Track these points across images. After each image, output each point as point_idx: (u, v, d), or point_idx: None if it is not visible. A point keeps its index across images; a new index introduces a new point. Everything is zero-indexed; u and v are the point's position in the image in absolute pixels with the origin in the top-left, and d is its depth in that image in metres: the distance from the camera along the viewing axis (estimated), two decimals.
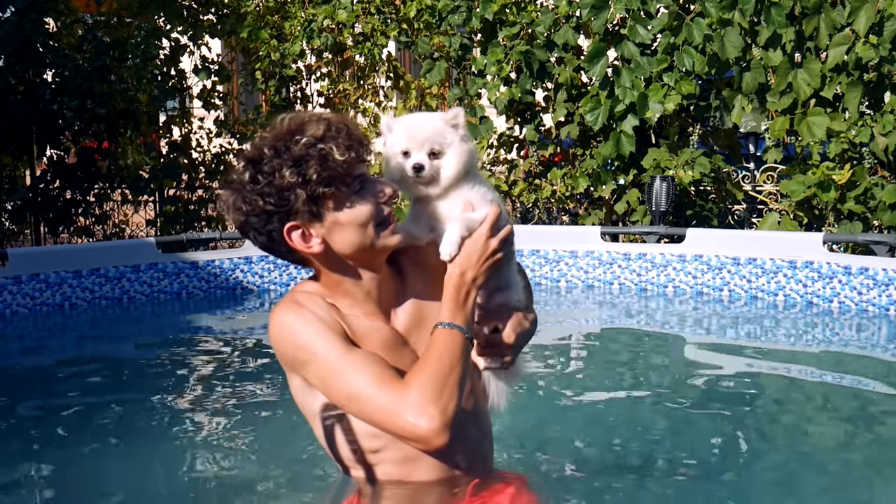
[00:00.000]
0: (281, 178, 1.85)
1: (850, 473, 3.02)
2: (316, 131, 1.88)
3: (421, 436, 1.77)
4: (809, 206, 6.57)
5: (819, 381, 4.27)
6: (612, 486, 2.78)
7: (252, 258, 6.17)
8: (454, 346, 1.85)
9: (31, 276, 5.54)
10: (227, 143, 8.82)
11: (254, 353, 4.83)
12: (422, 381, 1.80)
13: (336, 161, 1.86)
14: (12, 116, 7.71)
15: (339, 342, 1.88)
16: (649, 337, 5.18)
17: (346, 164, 1.87)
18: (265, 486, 2.76)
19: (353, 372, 1.84)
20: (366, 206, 1.91)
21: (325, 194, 1.87)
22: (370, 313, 2.00)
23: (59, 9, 8.10)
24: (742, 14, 6.52)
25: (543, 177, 7.67)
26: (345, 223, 1.91)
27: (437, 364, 1.82)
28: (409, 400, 1.78)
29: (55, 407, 3.83)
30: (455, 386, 1.81)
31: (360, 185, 1.91)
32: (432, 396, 1.78)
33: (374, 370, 1.84)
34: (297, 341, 1.89)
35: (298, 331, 1.89)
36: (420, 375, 1.81)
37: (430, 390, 1.78)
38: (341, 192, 1.89)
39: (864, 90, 6.27)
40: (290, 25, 8.39)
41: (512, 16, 7.44)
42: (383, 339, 1.97)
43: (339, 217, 1.91)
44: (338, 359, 1.86)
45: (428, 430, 1.76)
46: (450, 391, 1.80)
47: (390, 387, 1.81)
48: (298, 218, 1.90)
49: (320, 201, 1.88)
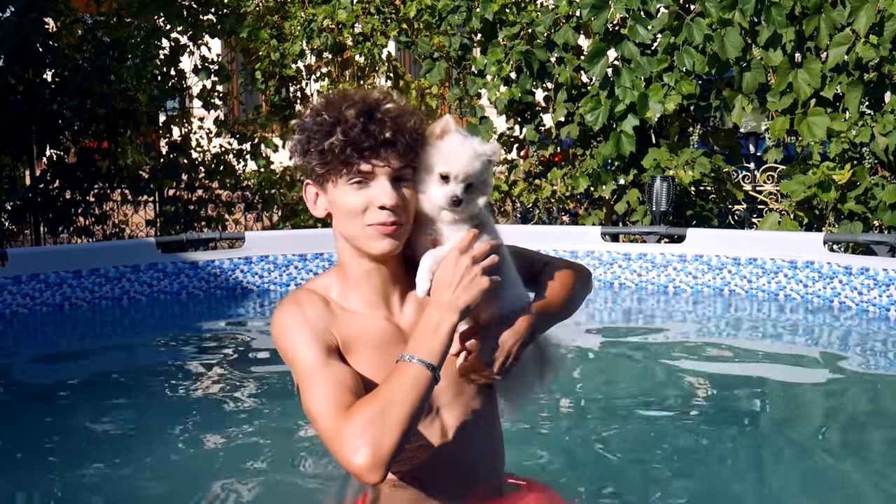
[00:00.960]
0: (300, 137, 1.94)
1: (850, 473, 3.02)
2: (345, 114, 1.90)
3: (353, 471, 1.74)
4: (810, 206, 6.57)
5: (819, 381, 4.27)
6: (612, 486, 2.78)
7: (252, 258, 6.16)
8: (407, 379, 1.79)
9: (30, 276, 5.54)
10: (227, 143, 8.81)
11: (254, 353, 4.83)
12: (363, 415, 1.76)
13: (330, 150, 1.88)
14: (12, 116, 7.70)
15: (318, 354, 1.88)
16: (649, 337, 5.17)
17: (343, 155, 1.88)
18: (267, 487, 2.75)
19: (316, 388, 1.84)
20: (357, 201, 1.90)
21: (319, 172, 1.92)
22: (372, 305, 1.99)
23: (59, 9, 8.09)
24: (742, 14, 6.52)
25: (543, 177, 7.66)
26: (337, 205, 1.94)
27: (384, 398, 1.77)
28: (347, 433, 1.75)
29: (55, 407, 3.83)
30: (398, 423, 1.74)
31: (360, 180, 1.90)
32: (369, 433, 1.73)
33: (333, 394, 1.82)
34: (286, 343, 1.92)
35: (288, 333, 1.92)
36: (364, 409, 1.77)
37: (368, 426, 1.74)
38: (339, 177, 1.91)
39: (864, 90, 6.27)
40: (290, 25, 8.38)
41: (512, 16, 7.43)
42: (379, 336, 1.96)
43: (335, 198, 1.93)
44: (311, 371, 1.87)
45: (359, 466, 1.72)
46: (390, 428, 1.74)
47: (338, 414, 1.78)
48: (313, 179, 1.96)
49: (322, 176, 1.93)
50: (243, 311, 5.85)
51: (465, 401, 2.05)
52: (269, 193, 8.62)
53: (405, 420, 1.75)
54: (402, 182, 1.91)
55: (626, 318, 5.65)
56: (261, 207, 8.75)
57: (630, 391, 3.98)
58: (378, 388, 1.81)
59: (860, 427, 3.57)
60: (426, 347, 1.82)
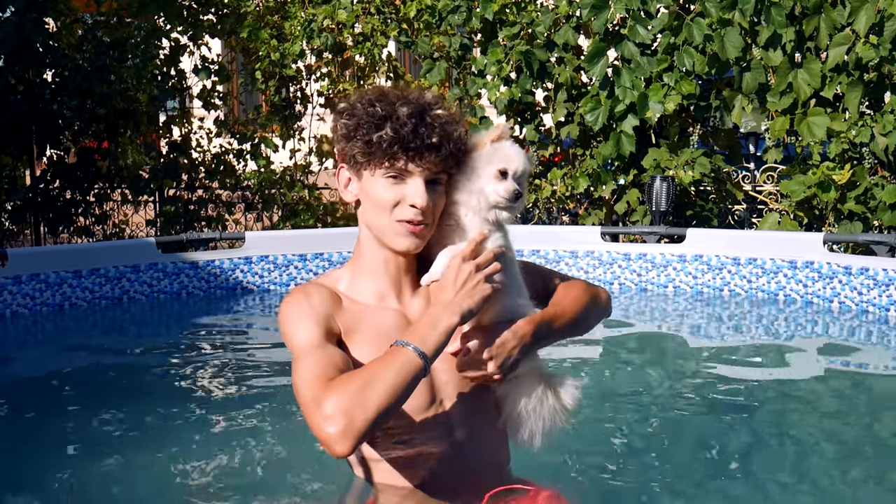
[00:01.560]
0: (342, 122, 1.98)
1: (851, 473, 3.02)
2: (398, 110, 1.93)
3: (322, 439, 1.75)
4: (809, 207, 6.57)
5: (819, 381, 4.27)
6: (612, 487, 2.78)
7: (252, 258, 6.16)
8: (394, 361, 1.80)
9: (30, 276, 5.54)
10: (227, 143, 8.82)
11: (254, 353, 4.82)
12: (344, 387, 1.77)
13: (377, 142, 1.92)
14: (12, 116, 7.70)
15: (316, 336, 1.91)
16: (649, 337, 5.17)
17: (388, 150, 1.92)
18: (270, 488, 2.75)
19: (305, 364, 1.86)
20: (390, 195, 1.95)
21: (359, 161, 1.96)
22: (382, 295, 2.03)
23: (59, 9, 8.10)
24: (742, 14, 6.52)
25: (543, 177, 7.66)
26: (369, 194, 1.98)
27: (367, 374, 1.79)
28: (325, 402, 1.76)
29: (54, 407, 3.83)
30: (377, 401, 1.75)
31: (396, 175, 1.94)
32: (344, 404, 1.74)
33: (321, 368, 1.84)
34: (286, 327, 1.96)
35: (290, 318, 1.96)
36: (346, 382, 1.78)
37: (345, 398, 1.75)
38: (378, 169, 1.95)
39: (864, 90, 6.27)
40: (290, 25, 8.38)
41: (512, 16, 7.43)
42: (386, 326, 1.98)
43: (368, 187, 1.98)
44: (304, 350, 1.89)
45: (328, 434, 1.73)
46: (367, 404, 1.74)
47: (320, 384, 1.80)
48: (347, 163, 2.01)
49: (357, 162, 1.97)
50: (243, 311, 5.85)
51: (471, 405, 2.05)
52: (269, 193, 8.62)
53: (384, 399, 1.76)
54: (436, 185, 1.97)
55: (625, 318, 5.65)
56: (261, 207, 8.75)
57: (630, 392, 3.98)
58: (365, 365, 1.84)
59: (860, 427, 3.57)
60: (420, 336, 1.84)
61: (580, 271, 6.26)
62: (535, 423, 2.09)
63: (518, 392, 2.07)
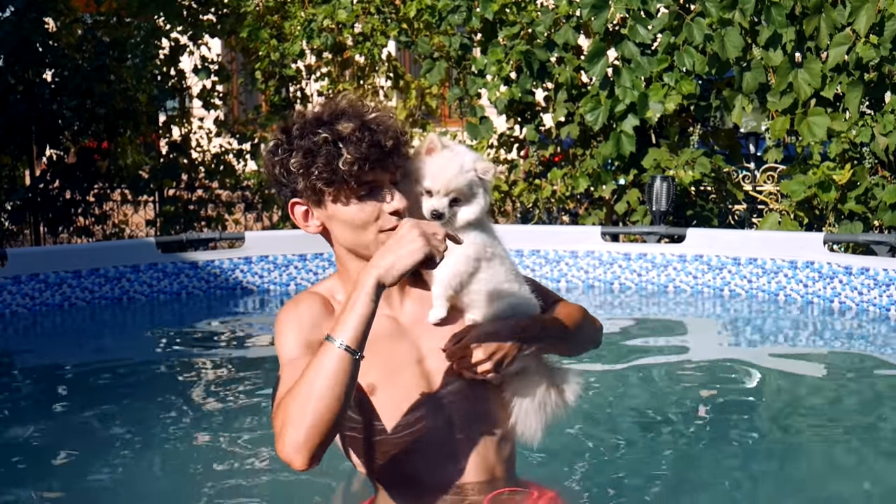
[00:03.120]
0: (290, 160, 1.90)
1: (851, 473, 3.02)
2: (343, 128, 1.87)
3: (280, 458, 1.74)
4: (810, 206, 6.57)
5: (819, 381, 4.26)
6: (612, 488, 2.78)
7: (252, 258, 6.16)
8: (317, 361, 1.74)
9: (30, 277, 5.53)
10: (227, 143, 8.82)
11: (254, 353, 4.82)
12: (284, 401, 1.75)
13: (341, 167, 1.86)
14: (12, 116, 7.70)
15: (297, 348, 1.91)
16: (649, 338, 5.17)
17: (353, 170, 1.86)
18: (271, 487, 2.75)
19: (283, 378, 1.87)
20: (365, 211, 1.91)
21: (325, 190, 1.90)
22: None
23: (59, 8, 8.09)
24: (742, 14, 6.51)
25: (543, 177, 7.66)
26: (342, 219, 1.93)
27: (300, 382, 1.74)
28: (274, 420, 1.76)
29: (54, 407, 3.83)
30: (313, 406, 1.71)
31: (366, 191, 1.90)
32: (286, 417, 1.72)
33: (285, 385, 1.83)
34: (276, 339, 1.96)
35: (279, 329, 1.96)
36: (286, 396, 1.75)
37: (285, 411, 1.73)
38: (342, 192, 1.90)
39: (864, 90, 6.26)
40: (290, 25, 8.38)
41: (512, 16, 7.43)
42: (378, 332, 1.93)
43: (338, 212, 1.93)
44: (283, 363, 1.91)
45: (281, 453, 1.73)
46: (302, 413, 1.70)
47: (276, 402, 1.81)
48: (303, 197, 1.94)
49: (321, 193, 1.91)
50: (243, 311, 5.85)
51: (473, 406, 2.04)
52: (269, 193, 8.61)
53: (320, 403, 1.71)
54: (398, 185, 1.95)
55: (625, 318, 5.64)
56: (261, 207, 8.75)
57: (630, 392, 3.98)
58: (302, 371, 1.78)
59: (860, 427, 3.57)
60: (340, 324, 1.75)
61: (580, 271, 6.25)
62: (536, 418, 2.08)
63: (521, 387, 2.07)
